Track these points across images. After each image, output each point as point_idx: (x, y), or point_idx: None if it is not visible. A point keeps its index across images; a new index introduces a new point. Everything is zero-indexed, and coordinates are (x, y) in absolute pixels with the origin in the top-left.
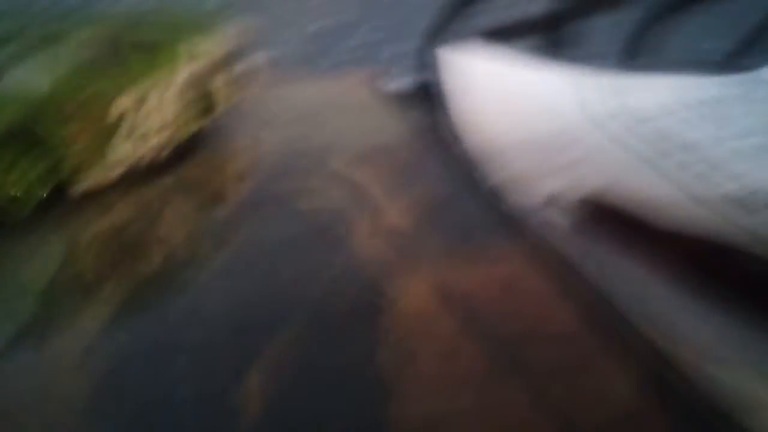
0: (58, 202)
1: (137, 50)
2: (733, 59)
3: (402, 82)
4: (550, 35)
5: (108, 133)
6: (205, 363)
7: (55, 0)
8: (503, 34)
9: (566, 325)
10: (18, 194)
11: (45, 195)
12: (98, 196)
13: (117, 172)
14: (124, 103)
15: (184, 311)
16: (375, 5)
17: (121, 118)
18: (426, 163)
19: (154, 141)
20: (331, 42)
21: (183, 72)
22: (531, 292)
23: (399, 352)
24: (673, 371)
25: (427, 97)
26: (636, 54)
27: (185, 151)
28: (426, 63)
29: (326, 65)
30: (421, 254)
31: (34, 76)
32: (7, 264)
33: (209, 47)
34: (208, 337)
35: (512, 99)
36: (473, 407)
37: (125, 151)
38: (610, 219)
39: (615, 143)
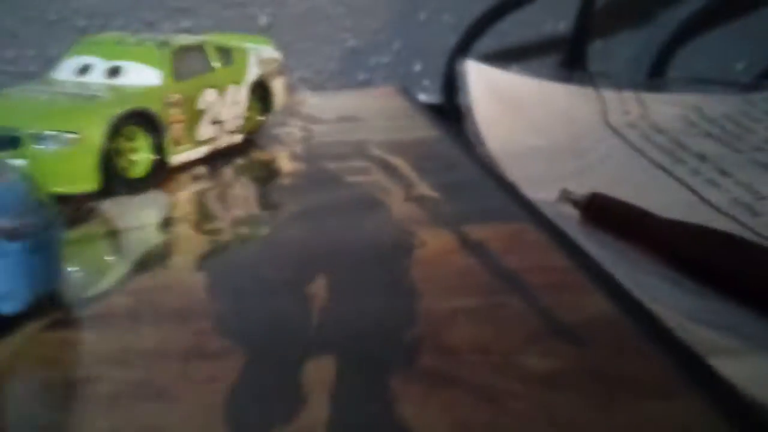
0: (159, 170)
1: (218, 55)
2: (762, 80)
3: (431, 93)
4: (575, 52)
5: (197, 118)
6: (275, 283)
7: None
8: (528, 51)
9: (562, 263)
10: (135, 160)
11: (152, 163)
12: (188, 167)
13: (202, 150)
14: (209, 96)
15: (255, 253)
16: (407, 24)
17: (207, 107)
18: (452, 157)
19: (230, 128)
20: (365, 57)
21: (251, 74)
22: (535, 242)
23: (426, 271)
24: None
25: (454, 107)
26: (662, 71)
27: (252, 138)
28: (453, 75)
29: (361, 78)
30: (446, 215)
31: (149, 73)
32: (124, 210)
33: (269, 55)
34: (275, 270)
35: (532, 107)
36: (481, 305)
37: (209, 134)
38: (618, 211)
39: (632, 149)
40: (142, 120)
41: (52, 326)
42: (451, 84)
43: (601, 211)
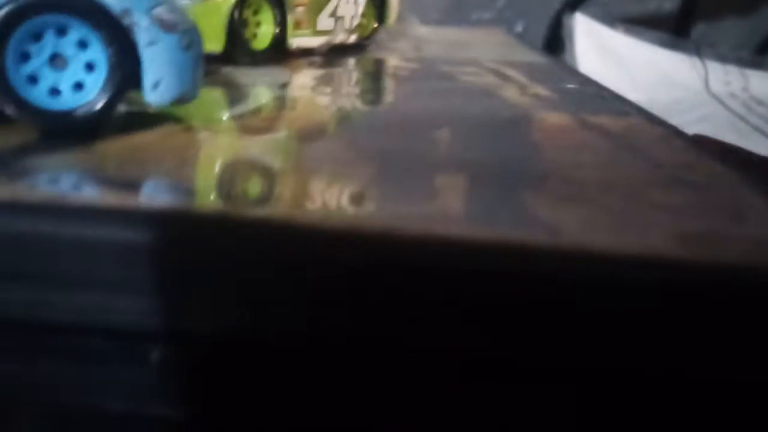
0: (279, 47)
1: None
2: None
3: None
4: (680, 30)
5: (319, 7)
6: (400, 128)
7: None
8: (635, 22)
9: (678, 143)
10: (258, 33)
11: (272, 40)
12: (304, 53)
13: (319, 40)
14: None
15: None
16: None
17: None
18: (563, 74)
19: (347, 26)
20: (468, 11)
21: None
22: (649, 131)
23: (547, 136)
24: None
25: (555, 54)
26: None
27: (365, 42)
28: (556, 36)
29: (465, 26)
30: (561, 106)
31: None
32: (248, 75)
33: None
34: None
35: (636, 66)
36: (604, 161)
37: (327, 26)
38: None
39: (732, 115)
40: None
41: (189, 129)
42: (553, 45)
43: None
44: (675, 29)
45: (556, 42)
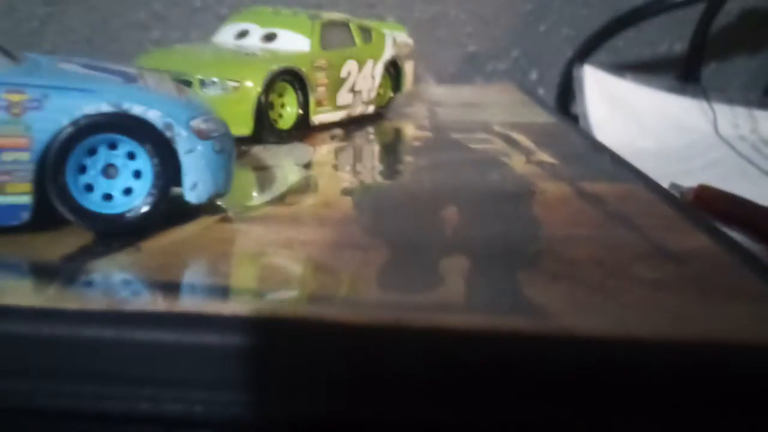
0: (303, 125)
1: (360, 33)
2: None
3: (550, 87)
4: (690, 72)
5: (338, 85)
6: (411, 208)
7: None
8: (642, 69)
9: (670, 212)
10: (283, 114)
11: (296, 119)
12: (326, 127)
13: (340, 115)
14: (349, 66)
15: (392, 189)
16: (527, 34)
17: (347, 77)
18: (570, 136)
19: (365, 99)
20: (484, 63)
21: (387, 54)
22: (645, 199)
23: (546, 210)
24: None
25: (568, 114)
26: None
27: (382, 112)
28: (569, 84)
29: (480, 80)
30: (563, 175)
31: (300, 40)
32: (276, 154)
33: (402, 40)
34: (411, 200)
35: (644, 113)
36: (596, 234)
37: (346, 101)
38: (723, 201)
39: (741, 159)
40: (293, 78)
41: (224, 220)
42: (566, 93)
43: (707, 203)
44: (685, 70)
45: (569, 90)
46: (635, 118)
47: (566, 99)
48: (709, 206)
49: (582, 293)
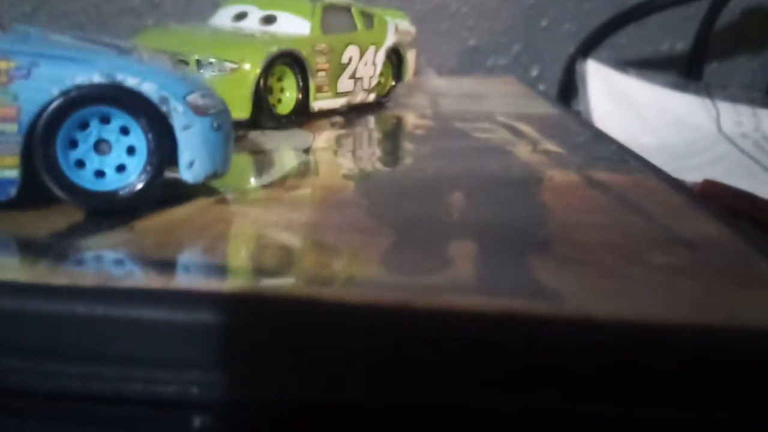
0: (302, 111)
1: (362, 18)
2: None
3: (550, 83)
4: (692, 70)
5: (339, 71)
6: (415, 192)
7: None
8: (645, 66)
9: (681, 200)
10: (282, 99)
11: (295, 104)
12: (326, 114)
13: (340, 102)
14: (351, 52)
15: (395, 174)
16: (528, 29)
17: (348, 62)
18: (574, 126)
19: (366, 86)
20: (484, 57)
21: (389, 41)
22: (654, 187)
23: (554, 196)
24: None
25: (570, 101)
26: None
27: (383, 101)
28: (570, 80)
29: (480, 73)
30: (571, 163)
31: (300, 23)
32: (274, 139)
33: (405, 28)
34: (415, 184)
35: (647, 109)
36: (608, 220)
37: (347, 88)
38: (729, 195)
39: (744, 156)
40: (292, 61)
41: (222, 202)
42: (568, 89)
43: (713, 198)
44: (688, 69)
45: (570, 86)
46: (638, 113)
47: (568, 95)
48: (715, 201)
49: (596, 277)
